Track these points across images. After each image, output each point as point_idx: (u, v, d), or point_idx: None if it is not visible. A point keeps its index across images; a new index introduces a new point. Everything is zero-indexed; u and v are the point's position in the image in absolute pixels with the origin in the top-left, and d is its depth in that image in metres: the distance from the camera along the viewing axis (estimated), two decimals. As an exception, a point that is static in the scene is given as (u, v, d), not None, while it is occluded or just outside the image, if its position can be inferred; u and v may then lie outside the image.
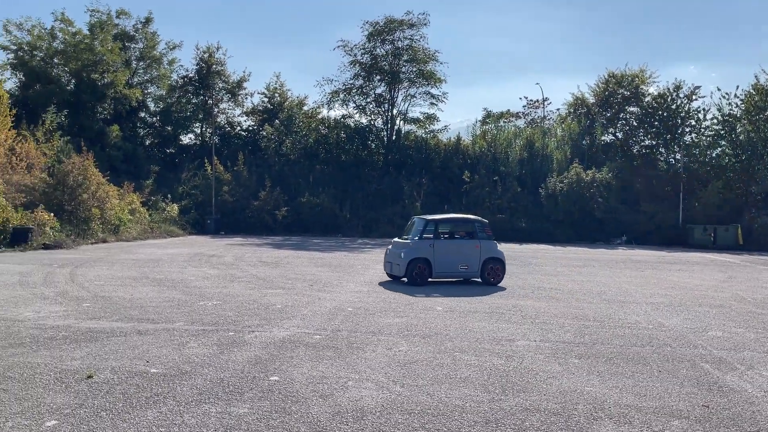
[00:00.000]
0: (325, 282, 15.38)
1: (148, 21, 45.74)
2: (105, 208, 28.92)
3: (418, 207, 37.32)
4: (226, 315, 10.52)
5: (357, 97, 44.16)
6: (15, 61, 40.43)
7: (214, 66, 47.25)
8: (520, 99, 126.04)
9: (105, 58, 41.33)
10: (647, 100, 42.24)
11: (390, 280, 15.83)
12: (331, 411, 5.84)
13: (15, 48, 40.33)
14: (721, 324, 10.78)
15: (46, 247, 23.42)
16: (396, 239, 16.50)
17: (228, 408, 5.84)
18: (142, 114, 47.46)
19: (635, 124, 42.97)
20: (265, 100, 49.14)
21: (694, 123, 40.43)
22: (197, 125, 48.96)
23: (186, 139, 49.70)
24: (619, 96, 43.66)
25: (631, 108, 43.34)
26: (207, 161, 41.17)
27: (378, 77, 43.52)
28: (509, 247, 29.80)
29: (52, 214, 25.59)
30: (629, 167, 40.62)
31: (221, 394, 6.25)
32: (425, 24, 42.61)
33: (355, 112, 44.57)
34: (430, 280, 15.09)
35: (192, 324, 9.70)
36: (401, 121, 44.73)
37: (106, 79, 41.69)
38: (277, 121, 44.81)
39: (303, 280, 15.72)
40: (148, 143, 47.52)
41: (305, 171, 42.00)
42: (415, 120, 44.70)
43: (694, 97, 40.61)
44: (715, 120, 39.50)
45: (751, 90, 37.87)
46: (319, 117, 45.83)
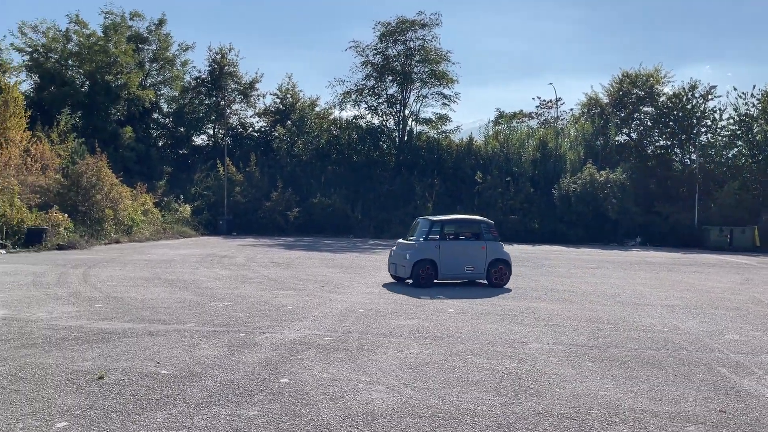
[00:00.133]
0: (337, 283, 15.35)
1: (161, 23, 46.02)
2: (118, 208, 29.12)
3: (429, 208, 37.22)
4: (237, 316, 10.51)
5: (369, 98, 44.17)
6: (30, 63, 40.83)
7: (226, 67, 47.44)
8: (533, 99, 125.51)
9: (119, 59, 41.64)
10: (662, 99, 41.87)
11: (404, 281, 15.62)
12: (342, 414, 5.79)
13: (30, 50, 40.75)
14: (738, 327, 10.61)
15: (60, 248, 23.60)
16: (400, 240, 16.27)
17: (238, 410, 5.81)
18: (155, 115, 47.76)
19: (650, 124, 42.59)
20: (277, 101, 49.30)
21: (709, 123, 40.04)
22: (210, 126, 49.20)
23: (199, 140, 50.01)
24: (634, 96, 43.28)
25: (646, 108, 42.96)
26: (219, 162, 41.34)
27: (390, 78, 43.48)
28: (522, 249, 29.68)
29: (66, 214, 25.79)
30: (644, 168, 40.27)
31: (231, 396, 6.22)
32: (437, 24, 42.55)
33: (367, 112, 44.60)
34: (435, 281, 14.97)
35: (203, 325, 9.70)
36: (413, 122, 44.70)
37: (119, 81, 42.01)
38: (289, 122, 44.90)
39: (314, 281, 15.70)
40: (161, 144, 47.81)
41: (317, 172, 42.04)
42: (427, 120, 44.63)
43: (709, 97, 40.24)
44: (732, 120, 39.10)
45: (768, 89, 37.44)
46: (331, 118, 45.86)
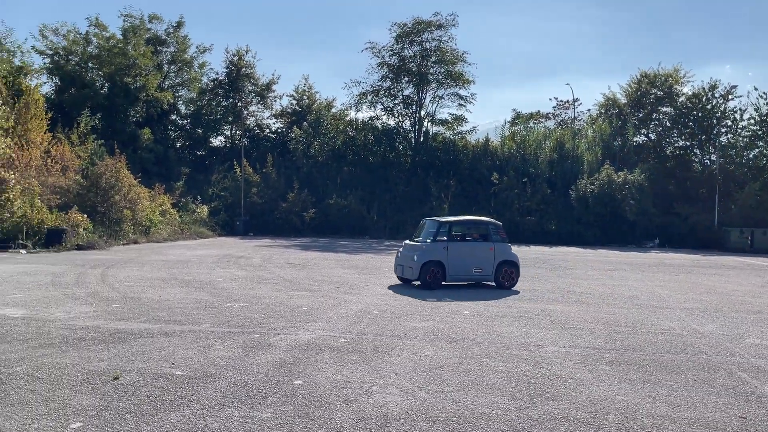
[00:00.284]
0: (352, 284, 15.33)
1: (179, 25, 46.45)
2: (136, 209, 29.39)
3: (445, 209, 37.12)
4: (252, 317, 10.53)
5: (385, 99, 44.20)
6: (51, 66, 41.43)
7: (243, 69, 47.73)
8: (549, 100, 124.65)
9: (137, 62, 42.09)
10: (681, 100, 41.40)
11: (411, 283, 15.43)
12: (355, 417, 5.76)
13: (51, 53, 41.34)
14: (759, 331, 10.41)
15: (79, 248, 23.87)
16: (407, 242, 16.07)
17: (251, 412, 5.81)
18: (173, 117, 48.20)
19: (669, 124, 42.12)
20: (294, 102, 49.52)
21: (730, 123, 39.51)
22: (227, 128, 49.55)
23: (216, 142, 50.39)
24: (652, 96, 42.83)
25: (665, 108, 42.50)
26: (236, 163, 41.60)
27: (406, 79, 43.46)
28: (538, 250, 29.47)
29: (85, 215, 26.08)
30: (662, 169, 39.83)
31: (245, 397, 6.22)
32: (454, 25, 42.47)
33: (383, 113, 44.62)
34: (443, 283, 14.84)
35: (218, 326, 9.72)
36: (429, 123, 44.65)
37: (138, 83, 42.45)
38: (306, 123, 45.05)
39: (329, 282, 15.70)
40: (178, 145, 48.22)
41: (333, 173, 42.14)
42: (443, 121, 44.54)
43: (730, 97, 39.72)
44: (752, 120, 38.54)
45: (791, 89, 36.82)
46: (347, 119, 45.96)
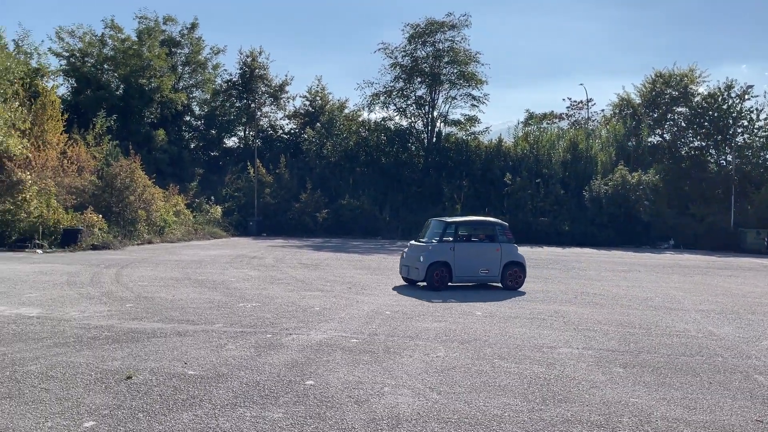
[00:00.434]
0: (364, 285, 15.33)
1: (193, 27, 46.68)
2: (151, 209, 29.58)
3: (458, 209, 37.01)
4: (264, 317, 10.56)
5: (397, 100, 44.09)
6: (67, 68, 41.79)
7: (257, 70, 47.86)
8: (563, 100, 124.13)
9: (152, 63, 42.35)
10: (697, 100, 40.91)
11: (416, 284, 15.23)
12: (366, 418, 5.75)
13: (67, 55, 41.72)
14: (777, 334, 10.27)
15: (94, 248, 24.08)
16: (412, 242, 15.90)
17: (263, 412, 5.82)
18: (187, 118, 48.44)
19: (684, 124, 41.66)
20: (307, 103, 49.59)
21: (746, 123, 38.99)
22: (240, 129, 49.72)
23: (230, 143, 50.53)
24: (667, 96, 42.39)
25: (680, 108, 42.03)
26: (250, 164, 41.74)
27: (419, 79, 43.35)
28: (552, 251, 29.30)
29: (100, 215, 26.29)
30: (677, 169, 39.41)
31: (256, 397, 6.23)
32: (467, 25, 42.24)
33: (396, 114, 44.54)
34: (449, 284, 14.71)
35: (231, 326, 9.76)
36: (442, 123, 44.46)
37: (153, 84, 42.72)
38: (319, 124, 45.12)
39: (341, 282, 15.71)
40: (192, 146, 48.45)
41: (345, 173, 42.16)
42: (456, 122, 44.36)
43: (746, 97, 39.16)
44: (769, 120, 38.00)
45: (808, 88, 36.38)
46: (360, 120, 45.95)
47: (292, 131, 49.68)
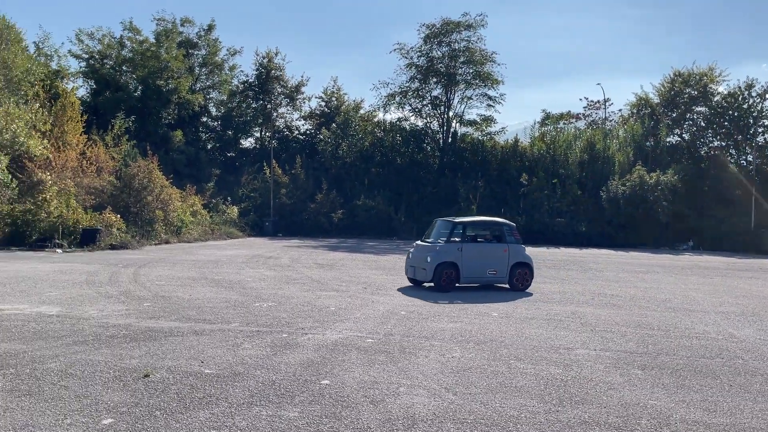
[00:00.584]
0: (379, 285, 15.33)
1: (210, 28, 47.03)
2: (168, 210, 29.84)
3: (474, 210, 36.87)
4: (280, 317, 10.60)
5: (413, 100, 44.07)
6: (87, 69, 42.34)
7: (273, 71, 48.09)
8: (580, 100, 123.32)
9: (170, 65, 42.74)
10: (716, 99, 40.42)
11: (421, 285, 15.11)
12: (382, 418, 5.74)
13: (87, 57, 42.25)
14: (799, 336, 10.10)
15: (112, 248, 24.33)
16: (418, 242, 15.76)
17: (279, 411, 5.83)
18: (204, 119, 48.80)
19: (703, 124, 41.19)
20: (323, 104, 49.70)
21: (767, 123, 38.45)
22: (257, 129, 49.99)
23: (246, 143, 50.83)
24: (686, 96, 41.89)
25: (699, 108, 41.53)
26: (266, 164, 41.95)
27: (434, 79, 43.29)
28: (569, 252, 29.09)
29: (118, 215, 26.57)
30: (696, 170, 38.96)
31: (272, 396, 6.25)
32: (483, 25, 42.09)
33: (411, 114, 44.51)
34: (457, 285, 14.56)
35: (247, 325, 9.81)
36: (457, 124, 44.36)
37: (170, 86, 43.09)
38: (334, 125, 45.22)
39: (357, 282, 15.73)
40: (209, 147, 48.79)
41: (361, 174, 42.21)
42: (472, 122, 44.22)
43: (767, 96, 38.63)
44: (791, 119, 37.46)
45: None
46: (375, 120, 45.98)
47: (307, 132, 49.84)
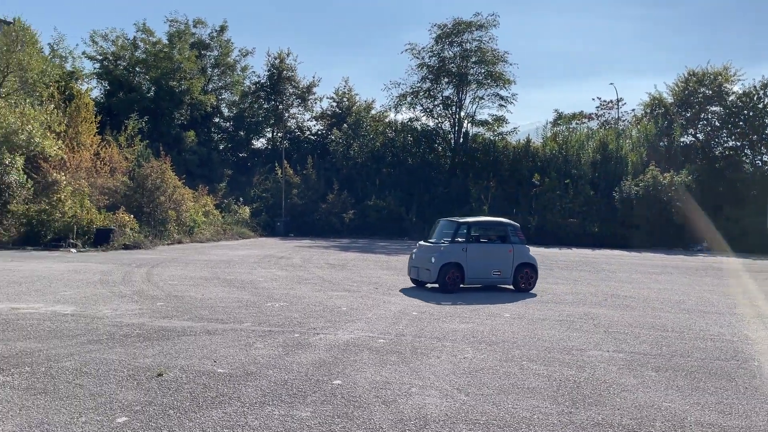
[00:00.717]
0: (390, 285, 15.33)
1: (222, 29, 47.27)
2: (180, 210, 30.01)
3: (485, 210, 36.75)
4: (292, 317, 10.62)
5: (424, 100, 43.99)
6: (101, 71, 42.69)
7: (285, 72, 48.26)
8: (592, 100, 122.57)
9: (182, 66, 43.01)
10: (731, 99, 40.01)
11: (425, 286, 14.93)
12: (394, 418, 5.74)
13: (101, 58, 42.61)
14: (816, 338, 9.98)
15: (126, 248, 24.50)
16: (421, 243, 15.64)
17: (291, 411, 5.85)
18: (216, 119, 49.06)
19: (718, 124, 40.80)
20: (334, 104, 49.79)
21: (783, 122, 38.06)
22: (268, 130, 50.16)
23: (258, 144, 51.04)
24: (700, 95, 41.51)
25: (714, 108, 41.13)
26: (277, 165, 42.07)
27: (446, 80, 43.18)
28: (581, 253, 28.92)
29: (132, 215, 26.75)
30: (711, 170, 38.60)
31: (285, 396, 6.27)
32: (494, 25, 41.92)
33: (423, 115, 44.44)
34: (461, 286, 14.48)
35: (259, 325, 9.84)
36: (469, 124, 44.21)
37: (183, 86, 43.36)
38: (345, 125, 45.29)
39: (368, 282, 15.73)
40: (221, 148, 49.04)
41: (372, 174, 42.21)
42: (483, 122, 44.06)
43: (783, 95, 38.23)
44: (808, 119, 37.03)
45: None
46: (387, 120, 45.98)
47: (319, 132, 49.96)
